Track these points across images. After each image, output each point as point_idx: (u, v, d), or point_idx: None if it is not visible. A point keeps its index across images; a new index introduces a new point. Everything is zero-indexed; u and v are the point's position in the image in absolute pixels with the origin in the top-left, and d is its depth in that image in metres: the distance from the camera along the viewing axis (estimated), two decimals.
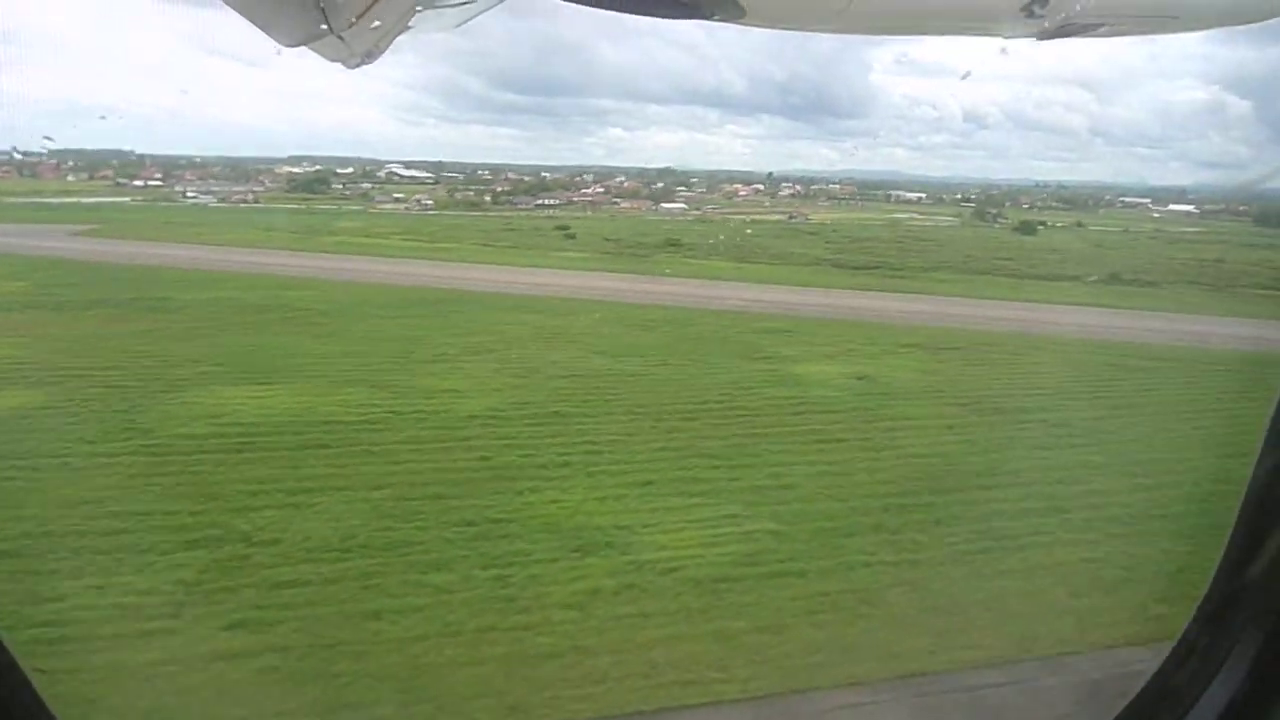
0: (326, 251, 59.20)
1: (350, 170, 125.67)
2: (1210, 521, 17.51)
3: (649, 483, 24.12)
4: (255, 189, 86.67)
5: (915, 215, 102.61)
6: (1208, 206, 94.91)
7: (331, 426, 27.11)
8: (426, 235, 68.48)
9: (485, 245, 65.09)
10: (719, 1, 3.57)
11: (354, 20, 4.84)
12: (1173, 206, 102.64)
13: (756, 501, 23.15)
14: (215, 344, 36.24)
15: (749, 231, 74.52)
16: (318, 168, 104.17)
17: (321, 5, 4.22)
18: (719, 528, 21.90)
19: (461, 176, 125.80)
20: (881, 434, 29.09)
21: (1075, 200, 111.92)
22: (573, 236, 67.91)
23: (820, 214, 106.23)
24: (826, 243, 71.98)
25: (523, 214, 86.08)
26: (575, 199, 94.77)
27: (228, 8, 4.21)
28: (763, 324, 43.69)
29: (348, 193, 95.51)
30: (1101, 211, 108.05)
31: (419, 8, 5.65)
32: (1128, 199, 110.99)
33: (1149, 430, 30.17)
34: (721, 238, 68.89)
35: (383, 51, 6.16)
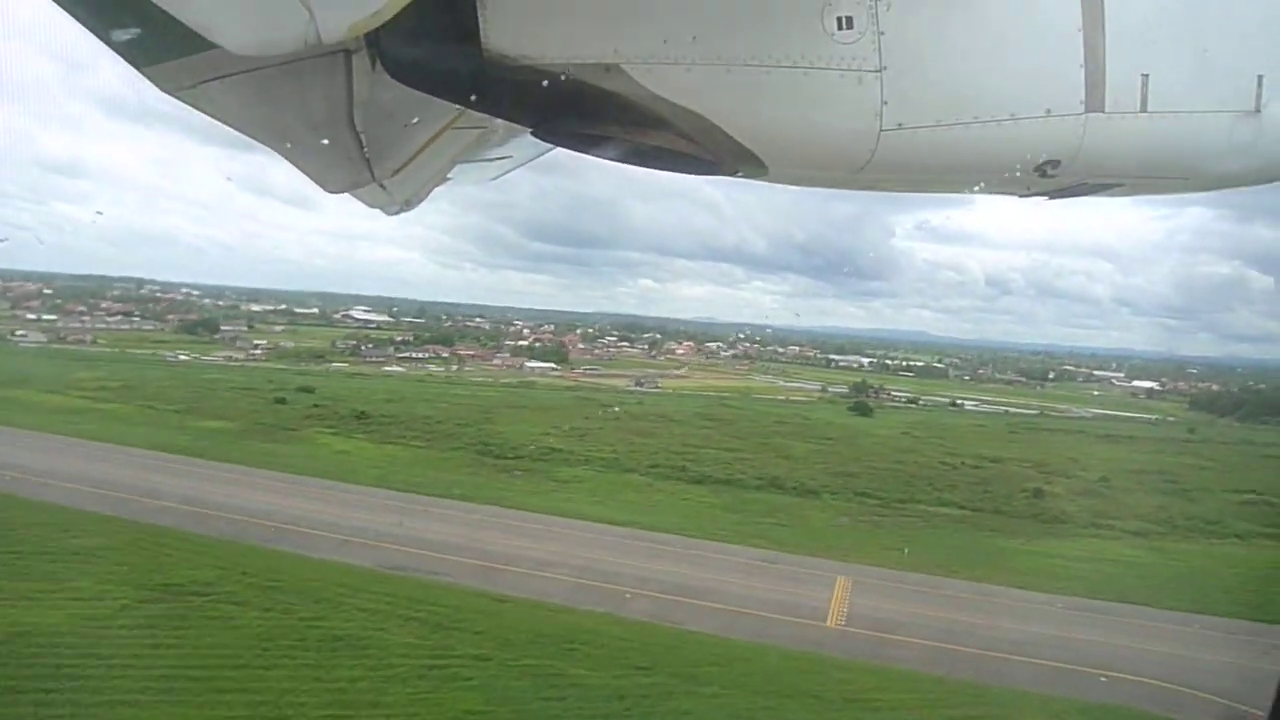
0: None
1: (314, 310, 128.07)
2: None
3: None
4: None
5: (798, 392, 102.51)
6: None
7: None
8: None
9: None
10: (741, 158, 3.71)
11: (396, 171, 5.29)
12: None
13: None
14: None
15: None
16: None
17: (367, 156, 4.52)
18: None
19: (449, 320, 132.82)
20: None
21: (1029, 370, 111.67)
22: None
23: (698, 379, 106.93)
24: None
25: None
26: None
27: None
28: None
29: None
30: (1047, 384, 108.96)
31: (458, 162, 6.16)
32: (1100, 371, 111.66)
33: None
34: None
35: (422, 200, 6.72)
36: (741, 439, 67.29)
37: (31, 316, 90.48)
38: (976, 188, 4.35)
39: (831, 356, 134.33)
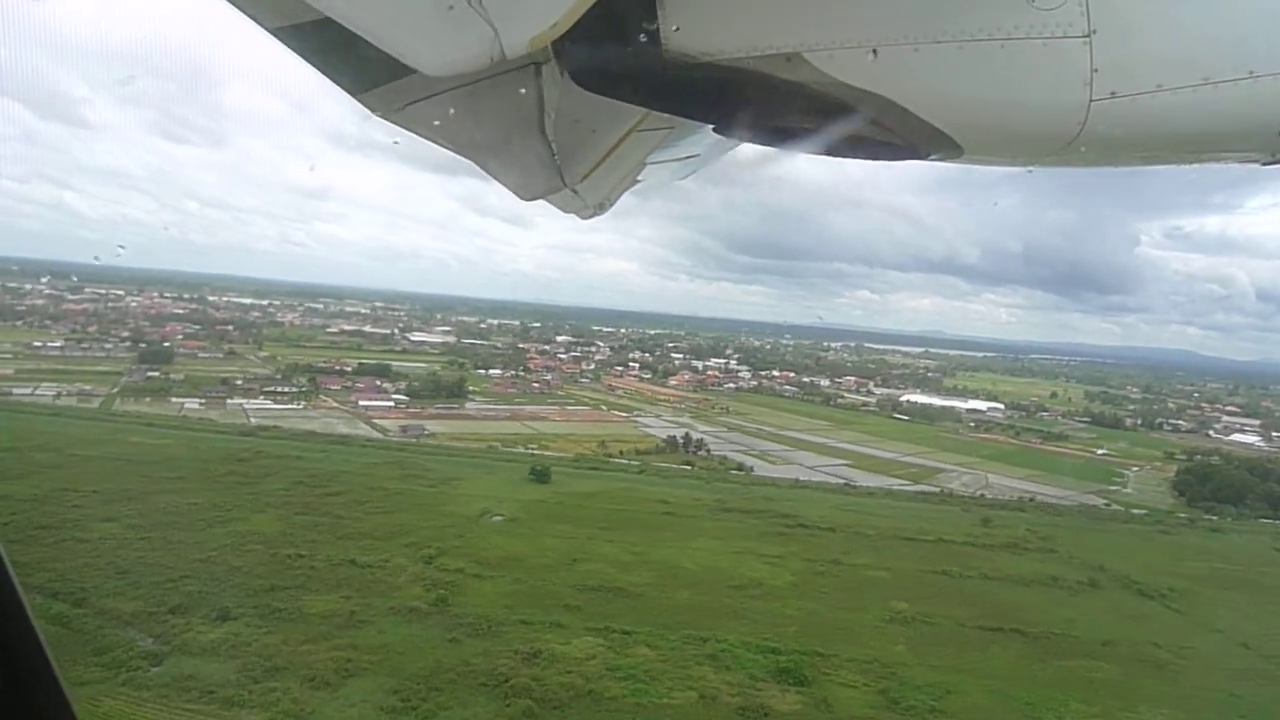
0: None
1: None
2: None
3: None
4: None
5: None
6: None
7: None
8: None
9: None
10: (934, 142, 3.56)
11: (585, 175, 5.39)
12: None
13: None
14: None
15: None
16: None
17: (558, 163, 4.73)
18: None
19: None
20: None
21: None
22: None
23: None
24: None
25: None
26: None
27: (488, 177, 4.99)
28: None
29: None
30: None
31: (646, 162, 6.20)
32: None
33: None
34: None
35: (613, 203, 6.83)
36: None
37: None
38: (1207, 157, 3.98)
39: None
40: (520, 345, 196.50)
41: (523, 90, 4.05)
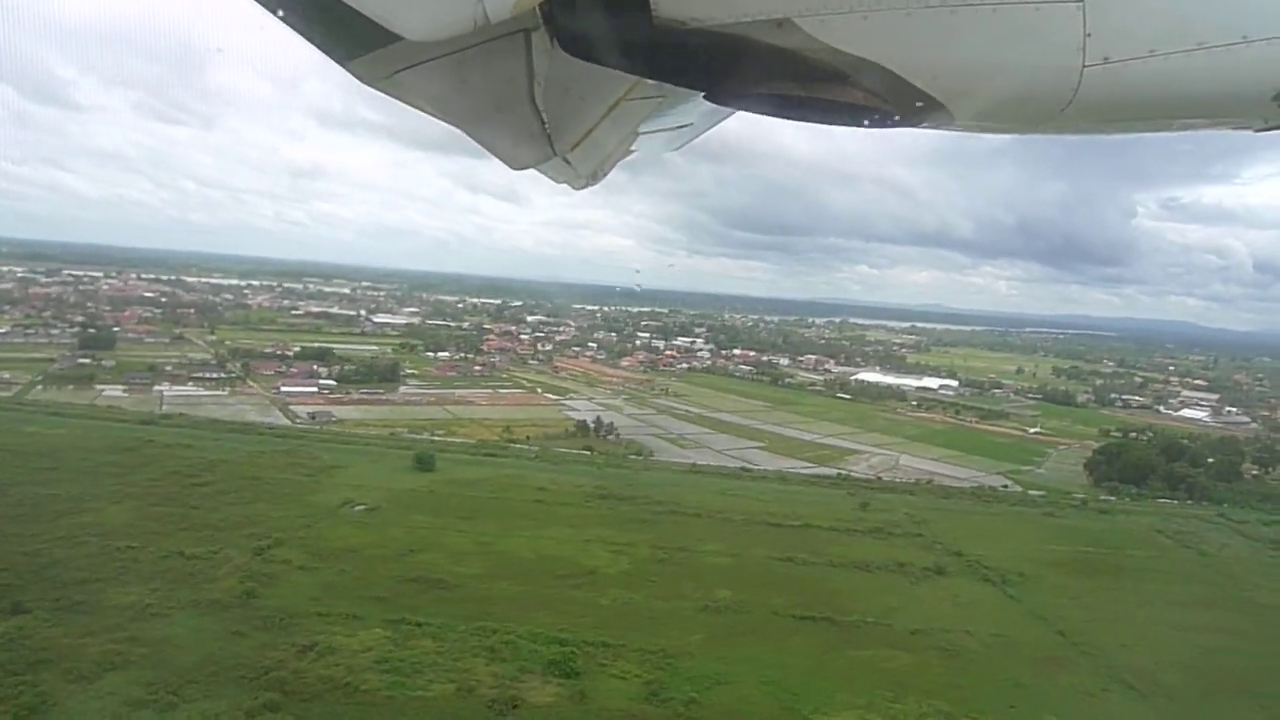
0: None
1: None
2: None
3: None
4: None
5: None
6: None
7: None
8: None
9: None
10: (925, 108, 3.55)
11: (576, 145, 5.33)
12: None
13: None
14: None
15: None
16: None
17: (548, 132, 4.62)
18: None
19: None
20: None
21: None
22: None
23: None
24: None
25: None
26: None
27: (485, 154, 4.97)
28: None
29: None
30: None
31: (639, 132, 6.19)
32: None
33: None
34: None
35: (607, 173, 6.89)
36: None
37: None
38: (1201, 124, 3.95)
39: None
40: (486, 326, 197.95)
41: (512, 58, 4.00)
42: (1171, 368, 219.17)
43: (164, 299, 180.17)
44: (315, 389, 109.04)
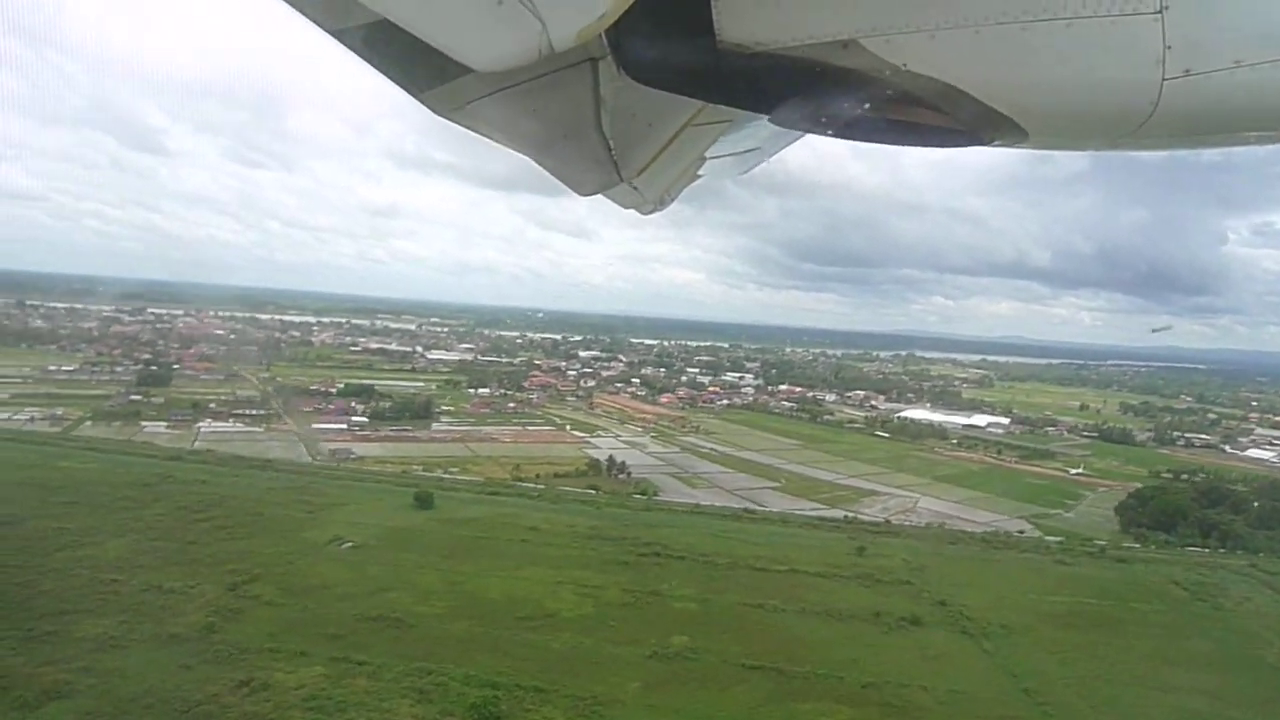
0: None
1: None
2: None
3: None
4: None
5: None
6: None
7: None
8: None
9: None
10: (997, 127, 3.64)
11: (642, 169, 5.46)
12: None
13: None
14: None
15: None
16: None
17: (614, 158, 4.84)
18: None
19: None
20: None
21: None
22: None
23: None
24: None
25: None
26: None
27: (563, 190, 5.24)
28: None
29: None
30: None
31: (705, 157, 6.29)
32: None
33: None
34: None
35: (674, 198, 7.01)
36: None
37: None
38: None
39: None
40: (536, 361, 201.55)
41: (580, 86, 4.06)
42: (1255, 403, 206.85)
43: (232, 336, 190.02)
44: (345, 426, 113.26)
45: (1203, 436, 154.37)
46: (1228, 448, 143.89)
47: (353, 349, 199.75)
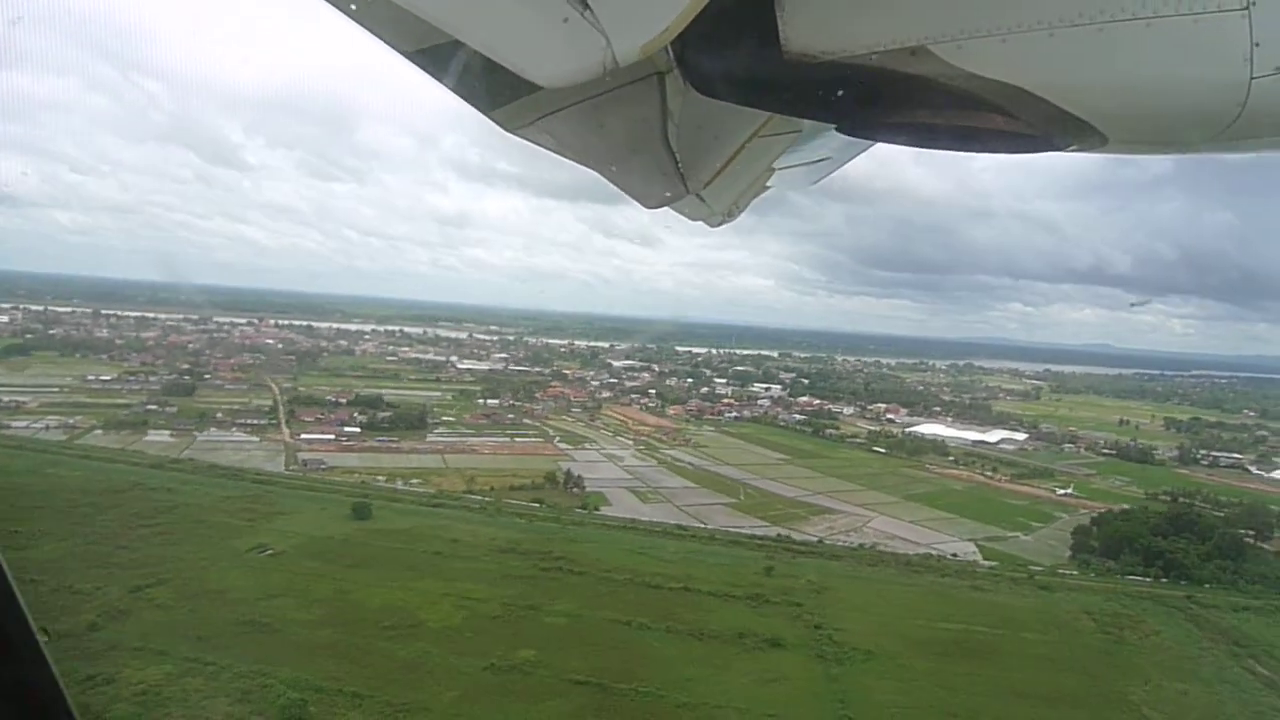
0: None
1: None
2: None
3: None
4: None
5: None
6: None
7: None
8: None
9: None
10: (1074, 131, 3.47)
11: (709, 181, 5.56)
12: None
13: None
14: None
15: None
16: None
17: (681, 170, 4.85)
18: None
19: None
20: None
21: None
22: None
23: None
24: None
25: None
26: None
27: (625, 199, 5.29)
28: None
29: None
30: None
31: (774, 168, 6.37)
32: None
33: None
34: None
35: (742, 209, 7.06)
36: None
37: None
38: None
39: None
40: (565, 371, 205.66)
41: (646, 100, 4.09)
42: None
43: (279, 345, 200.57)
44: (333, 436, 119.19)
45: (1234, 456, 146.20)
46: (1254, 468, 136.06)
47: (389, 359, 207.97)
